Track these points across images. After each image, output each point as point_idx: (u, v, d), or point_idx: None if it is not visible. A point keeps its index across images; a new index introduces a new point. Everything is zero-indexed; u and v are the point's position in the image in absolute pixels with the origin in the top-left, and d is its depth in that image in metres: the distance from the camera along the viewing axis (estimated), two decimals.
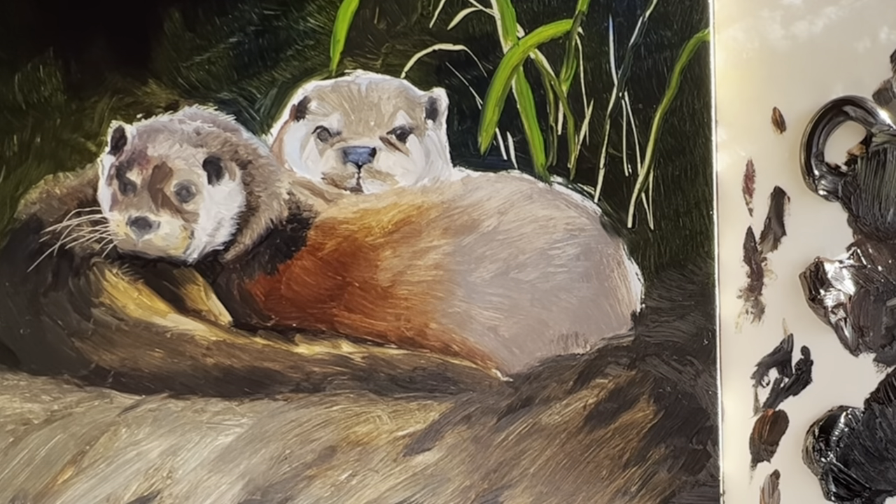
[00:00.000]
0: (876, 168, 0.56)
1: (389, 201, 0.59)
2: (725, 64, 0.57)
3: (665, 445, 0.58)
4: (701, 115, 0.57)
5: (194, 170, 0.58)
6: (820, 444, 0.58)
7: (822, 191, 0.57)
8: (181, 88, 0.58)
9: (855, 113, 0.56)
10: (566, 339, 0.59)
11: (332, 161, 0.59)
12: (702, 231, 0.58)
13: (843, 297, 0.57)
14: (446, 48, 0.57)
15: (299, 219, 0.59)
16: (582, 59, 0.57)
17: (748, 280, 0.59)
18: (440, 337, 0.58)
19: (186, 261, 0.58)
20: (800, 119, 0.57)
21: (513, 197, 0.59)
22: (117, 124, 0.58)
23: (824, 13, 0.57)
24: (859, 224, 0.57)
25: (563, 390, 0.59)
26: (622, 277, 0.58)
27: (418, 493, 0.58)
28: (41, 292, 0.58)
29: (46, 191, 0.58)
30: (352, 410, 0.58)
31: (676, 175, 0.58)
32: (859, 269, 0.57)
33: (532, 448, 0.59)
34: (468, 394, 0.58)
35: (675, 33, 0.57)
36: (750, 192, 0.58)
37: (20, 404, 0.58)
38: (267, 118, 0.58)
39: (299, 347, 0.58)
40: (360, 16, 0.57)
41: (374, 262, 0.59)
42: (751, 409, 0.59)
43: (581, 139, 0.58)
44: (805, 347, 0.58)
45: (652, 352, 0.58)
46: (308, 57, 0.58)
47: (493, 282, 0.58)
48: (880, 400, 0.58)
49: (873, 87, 0.56)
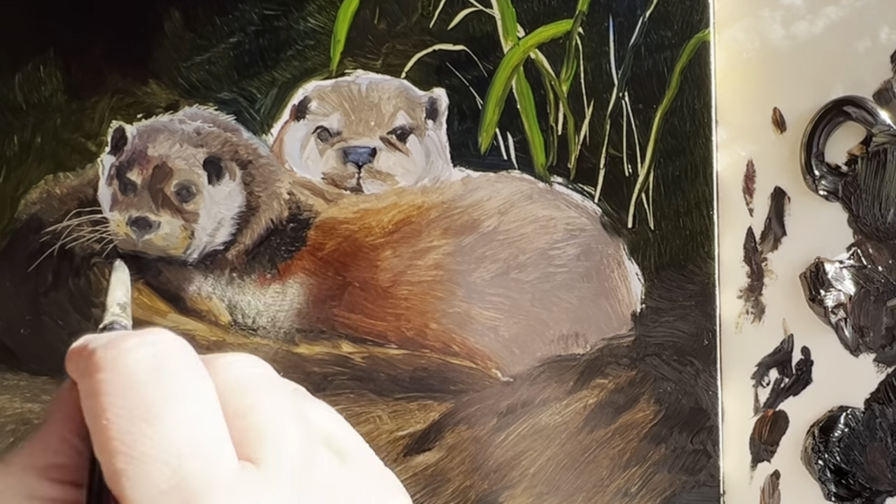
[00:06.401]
0: (876, 168, 0.56)
1: (389, 201, 0.59)
2: (725, 64, 0.57)
3: (665, 445, 0.58)
4: (701, 115, 0.57)
5: (194, 170, 0.58)
6: (820, 444, 0.57)
7: (823, 191, 0.57)
8: (181, 88, 0.58)
9: (855, 113, 0.56)
10: (566, 339, 0.59)
11: (332, 161, 0.59)
12: (702, 231, 0.58)
13: (843, 297, 0.57)
14: (446, 48, 0.57)
15: (299, 219, 0.59)
16: (582, 59, 0.57)
17: (748, 280, 0.59)
18: (440, 337, 0.58)
19: (187, 261, 0.58)
20: (800, 119, 0.57)
21: (513, 197, 0.59)
22: (117, 124, 0.58)
23: (824, 13, 0.57)
24: (859, 224, 0.57)
25: (564, 390, 0.59)
26: (622, 277, 0.58)
27: (418, 494, 0.58)
28: (41, 292, 0.58)
29: (47, 191, 0.58)
30: (352, 410, 0.58)
31: (676, 175, 0.58)
32: (859, 269, 0.57)
33: (532, 448, 0.59)
34: (468, 394, 0.58)
35: (675, 33, 0.57)
36: (750, 192, 0.58)
37: (20, 404, 0.58)
38: (267, 118, 0.58)
39: (299, 347, 0.58)
40: (361, 16, 0.57)
41: (375, 262, 0.59)
42: (751, 410, 0.59)
43: (581, 139, 0.58)
44: (805, 347, 0.58)
45: (652, 352, 0.58)
46: (308, 57, 0.58)
47: (493, 282, 0.58)
48: (880, 400, 0.58)
49: (873, 87, 0.56)
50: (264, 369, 0.34)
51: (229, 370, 0.33)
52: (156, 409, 0.30)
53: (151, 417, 0.29)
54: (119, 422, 0.30)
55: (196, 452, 0.29)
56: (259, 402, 0.32)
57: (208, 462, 0.30)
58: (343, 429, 0.37)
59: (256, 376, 0.33)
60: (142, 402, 0.30)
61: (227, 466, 0.30)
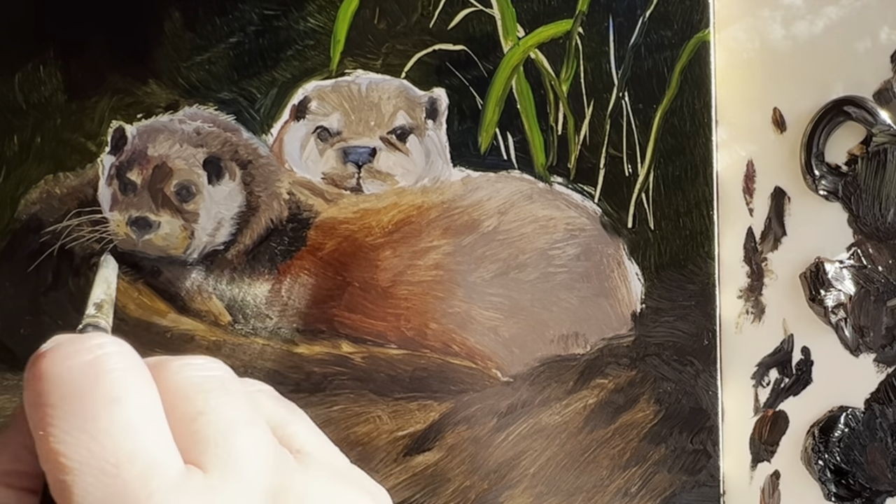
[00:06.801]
0: (876, 168, 0.56)
1: (389, 201, 0.59)
2: (725, 64, 0.57)
3: (665, 445, 0.58)
4: (701, 115, 0.57)
5: (194, 170, 0.58)
6: (820, 444, 0.57)
7: (823, 191, 0.57)
8: (181, 88, 0.58)
9: (855, 113, 0.56)
10: (566, 339, 0.59)
11: (332, 161, 0.59)
12: (702, 231, 0.58)
13: (843, 297, 0.57)
14: (446, 48, 0.57)
15: (299, 219, 0.59)
16: (582, 59, 0.57)
17: (748, 280, 0.59)
18: (440, 337, 0.58)
19: (187, 261, 0.58)
20: (800, 119, 0.57)
21: (513, 197, 0.59)
22: (117, 124, 0.58)
23: (824, 13, 0.57)
24: (860, 224, 0.57)
25: (564, 390, 0.59)
26: (622, 277, 0.58)
27: (418, 494, 0.58)
28: (41, 292, 0.58)
29: (47, 191, 0.58)
30: (352, 410, 0.58)
31: (676, 175, 0.58)
32: (860, 269, 0.57)
33: (532, 448, 0.59)
34: (468, 394, 0.58)
35: (675, 33, 0.57)
36: (750, 192, 0.58)
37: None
38: (267, 118, 0.58)
39: (299, 347, 0.58)
40: (360, 16, 0.57)
41: (375, 262, 0.59)
42: (751, 410, 0.59)
43: (581, 139, 0.58)
44: (805, 347, 0.58)
45: (652, 352, 0.58)
46: (308, 57, 0.58)
47: (493, 282, 0.58)
48: (880, 400, 0.58)
49: (874, 87, 0.56)
50: (219, 371, 0.33)
51: (179, 373, 0.32)
52: (92, 417, 0.30)
53: (88, 426, 0.29)
54: (56, 433, 0.29)
55: (135, 458, 0.29)
56: (208, 406, 0.32)
57: (148, 468, 0.29)
58: (305, 429, 0.37)
59: (208, 379, 0.33)
60: (78, 412, 0.30)
61: (168, 472, 0.30)
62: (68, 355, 0.31)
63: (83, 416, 0.29)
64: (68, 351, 0.31)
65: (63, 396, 0.30)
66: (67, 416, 0.30)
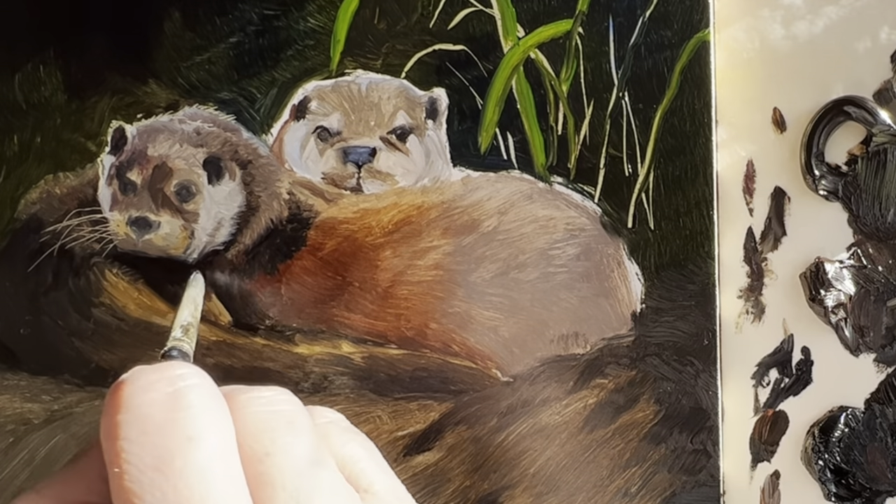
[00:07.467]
0: (876, 168, 0.56)
1: (389, 201, 0.59)
2: (725, 64, 0.57)
3: (665, 445, 0.58)
4: (701, 115, 0.57)
5: (194, 170, 0.58)
6: (820, 444, 0.58)
7: (823, 191, 0.57)
8: (181, 88, 0.58)
9: (855, 113, 0.56)
10: (566, 339, 0.59)
11: (332, 161, 0.59)
12: (702, 231, 0.58)
13: (843, 297, 0.57)
14: (446, 48, 0.57)
15: (299, 219, 0.59)
16: (582, 59, 0.57)
17: (748, 280, 0.59)
18: (440, 337, 0.58)
19: (187, 261, 0.58)
20: (800, 119, 0.57)
21: (513, 197, 0.59)
22: (117, 124, 0.58)
23: (824, 13, 0.57)
24: (860, 224, 0.57)
25: (564, 390, 0.59)
26: (622, 277, 0.58)
27: (418, 494, 0.58)
28: (41, 292, 0.58)
29: (46, 191, 0.58)
30: (352, 410, 0.58)
31: (676, 175, 0.58)
32: (860, 269, 0.57)
33: (532, 448, 0.59)
34: (468, 394, 0.58)
35: (675, 33, 0.57)
36: (750, 192, 0.58)
37: (20, 404, 0.58)
38: (267, 118, 0.58)
39: (299, 347, 0.58)
40: (360, 16, 0.57)
41: (375, 262, 0.59)
42: (751, 410, 0.59)
43: (581, 139, 0.58)
44: (805, 347, 0.58)
45: (652, 352, 0.58)
46: (308, 57, 0.58)
47: (493, 282, 0.58)
48: (880, 400, 0.58)
49: (874, 87, 0.56)
50: (286, 406, 0.33)
51: (246, 408, 0.32)
52: (168, 457, 0.29)
53: (164, 467, 0.29)
54: (131, 470, 0.29)
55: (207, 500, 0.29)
56: (274, 446, 0.32)
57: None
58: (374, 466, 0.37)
59: (274, 415, 0.32)
60: (155, 450, 0.29)
61: None
62: (149, 386, 0.30)
63: (160, 456, 0.29)
64: (149, 380, 0.30)
65: (142, 432, 0.30)
66: (143, 455, 0.29)
